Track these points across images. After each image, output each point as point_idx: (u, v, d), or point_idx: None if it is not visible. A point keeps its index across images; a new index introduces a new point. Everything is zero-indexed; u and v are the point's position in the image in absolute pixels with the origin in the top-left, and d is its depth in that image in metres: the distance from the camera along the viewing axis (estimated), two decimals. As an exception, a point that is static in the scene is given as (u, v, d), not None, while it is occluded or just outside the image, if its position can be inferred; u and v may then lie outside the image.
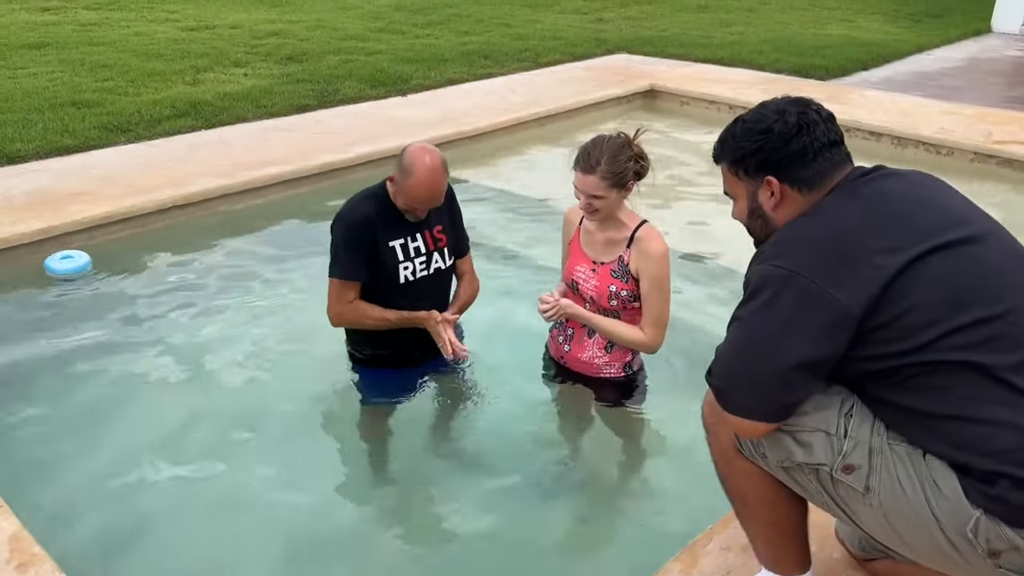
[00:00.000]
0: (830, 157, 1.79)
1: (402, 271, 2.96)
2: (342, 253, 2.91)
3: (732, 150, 1.88)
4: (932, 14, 12.12)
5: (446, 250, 3.07)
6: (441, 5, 11.87)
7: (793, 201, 1.81)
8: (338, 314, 2.99)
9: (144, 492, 2.80)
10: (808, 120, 1.79)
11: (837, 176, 1.80)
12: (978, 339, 1.59)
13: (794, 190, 1.81)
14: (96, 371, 3.44)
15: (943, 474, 1.62)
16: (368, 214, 2.89)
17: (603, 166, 2.62)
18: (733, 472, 1.90)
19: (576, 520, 2.79)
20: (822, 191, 1.79)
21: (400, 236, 2.95)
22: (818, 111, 1.82)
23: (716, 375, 1.77)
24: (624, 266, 2.77)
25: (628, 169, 2.65)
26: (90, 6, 10.89)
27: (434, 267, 3.04)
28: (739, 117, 1.90)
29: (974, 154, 6.02)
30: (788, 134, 1.78)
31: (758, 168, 1.83)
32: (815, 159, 1.78)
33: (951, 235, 1.65)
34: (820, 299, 1.63)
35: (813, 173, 1.79)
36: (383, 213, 2.91)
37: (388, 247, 2.93)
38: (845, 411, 1.73)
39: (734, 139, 1.87)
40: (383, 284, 2.96)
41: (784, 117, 1.80)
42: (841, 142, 1.83)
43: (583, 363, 2.98)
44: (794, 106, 1.82)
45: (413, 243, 2.98)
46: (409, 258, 2.97)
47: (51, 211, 4.49)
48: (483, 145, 6.21)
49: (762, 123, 1.82)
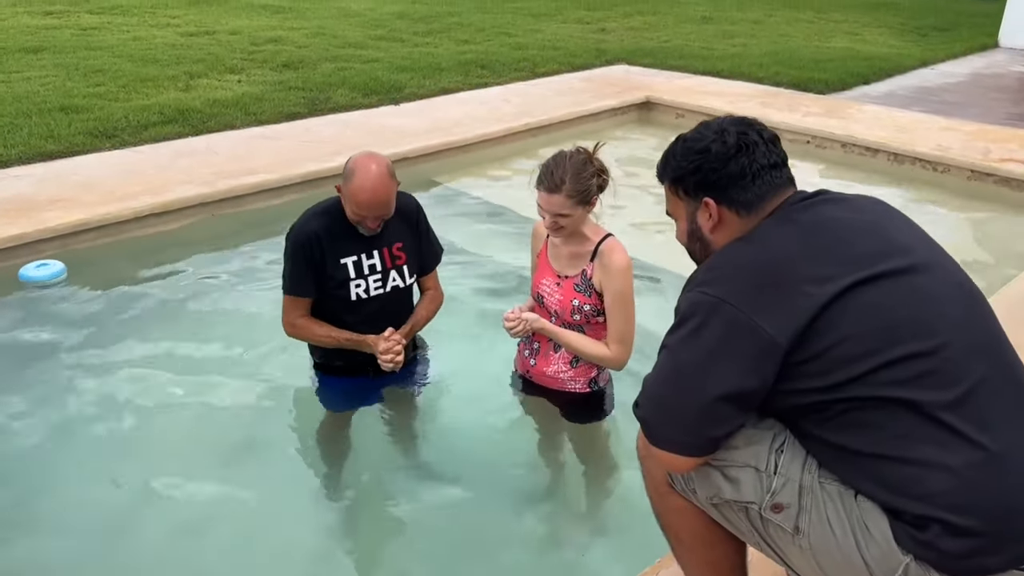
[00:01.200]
0: (770, 180, 1.73)
1: (353, 288, 2.89)
2: (291, 267, 2.87)
3: (672, 169, 1.83)
4: (939, 28, 12.01)
5: (405, 268, 2.98)
6: (444, 14, 11.86)
7: (731, 223, 1.75)
8: (291, 326, 2.96)
9: (105, 506, 2.78)
10: (748, 141, 1.73)
11: (777, 200, 1.73)
12: (910, 375, 1.51)
13: (732, 212, 1.74)
14: (58, 380, 3.41)
15: (874, 516, 1.54)
16: (316, 230, 2.82)
17: (568, 184, 2.57)
18: (667, 508, 1.83)
19: (536, 534, 2.75)
20: (760, 214, 1.72)
21: (353, 253, 2.88)
22: (760, 132, 1.76)
23: (641, 406, 1.70)
24: (587, 280, 2.73)
25: (592, 185, 2.62)
26: (93, 10, 10.93)
27: (391, 285, 2.96)
28: (680, 136, 1.84)
29: (971, 172, 5.91)
30: (726, 155, 1.73)
31: (696, 188, 1.78)
32: (754, 181, 1.72)
33: (888, 264, 1.57)
34: (747, 328, 1.56)
35: (751, 196, 1.72)
36: (334, 229, 2.84)
37: (339, 263, 2.86)
38: (776, 446, 1.65)
39: (674, 158, 1.82)
40: (334, 301, 2.89)
41: (723, 137, 1.74)
42: (783, 164, 1.77)
43: (548, 377, 2.93)
44: (735, 126, 1.76)
45: (368, 260, 2.90)
46: (362, 275, 2.90)
47: (26, 218, 4.46)
48: (471, 155, 6.16)
49: (701, 143, 1.77)
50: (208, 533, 2.69)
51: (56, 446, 3.05)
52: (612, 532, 2.73)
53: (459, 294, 4.04)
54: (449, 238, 4.90)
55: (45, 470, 2.92)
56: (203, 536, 2.68)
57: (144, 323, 3.85)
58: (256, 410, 3.28)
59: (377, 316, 2.93)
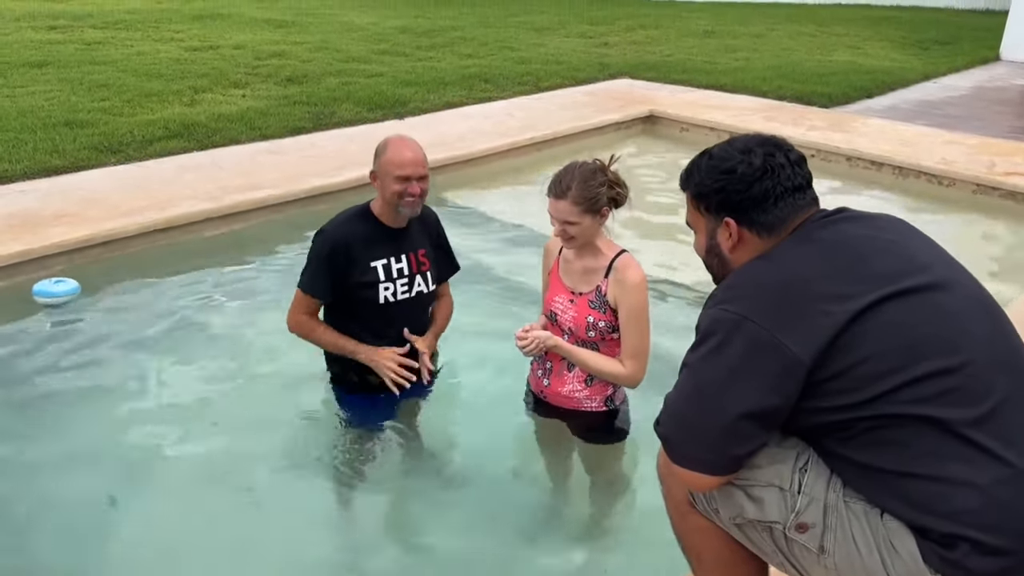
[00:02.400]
0: (792, 202, 1.71)
1: (382, 291, 2.95)
2: (313, 267, 2.93)
3: (696, 184, 1.81)
4: (941, 41, 12.04)
5: (429, 274, 3.07)
6: (447, 28, 11.89)
7: (751, 244, 1.74)
8: (296, 323, 3.02)
9: (126, 515, 2.79)
10: (774, 164, 1.72)
11: (798, 219, 1.72)
12: (935, 392, 1.49)
13: (752, 233, 1.73)
14: (72, 397, 3.41)
15: (900, 535, 1.52)
16: (346, 236, 2.90)
17: (574, 191, 2.58)
18: (688, 528, 1.81)
19: (553, 556, 2.70)
20: (781, 235, 1.71)
21: (383, 256, 2.95)
22: (787, 154, 1.74)
23: (663, 424, 1.68)
24: (602, 296, 2.71)
25: (600, 194, 2.61)
26: (97, 25, 10.96)
27: (416, 290, 3.04)
28: (707, 150, 1.83)
29: (976, 185, 5.91)
30: (751, 177, 1.71)
31: (719, 208, 1.76)
32: (776, 204, 1.71)
33: (909, 282, 1.56)
34: (770, 346, 1.54)
35: (773, 218, 1.71)
36: (367, 233, 2.93)
37: (370, 267, 2.92)
38: (800, 465, 1.63)
39: (699, 172, 1.80)
40: (362, 304, 2.94)
41: (749, 158, 1.72)
42: (807, 186, 1.75)
43: (563, 397, 2.90)
44: (762, 147, 1.74)
45: (397, 264, 2.97)
46: (391, 279, 2.96)
47: (31, 233, 4.45)
48: (476, 170, 6.15)
49: (727, 162, 1.74)
50: (215, 545, 2.68)
51: (75, 463, 3.03)
52: (631, 553, 2.70)
53: (467, 310, 4.02)
54: (456, 253, 4.91)
55: (59, 487, 2.90)
56: (210, 549, 2.67)
57: (153, 340, 3.82)
58: (272, 424, 3.27)
59: (401, 320, 2.99)
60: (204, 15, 12.14)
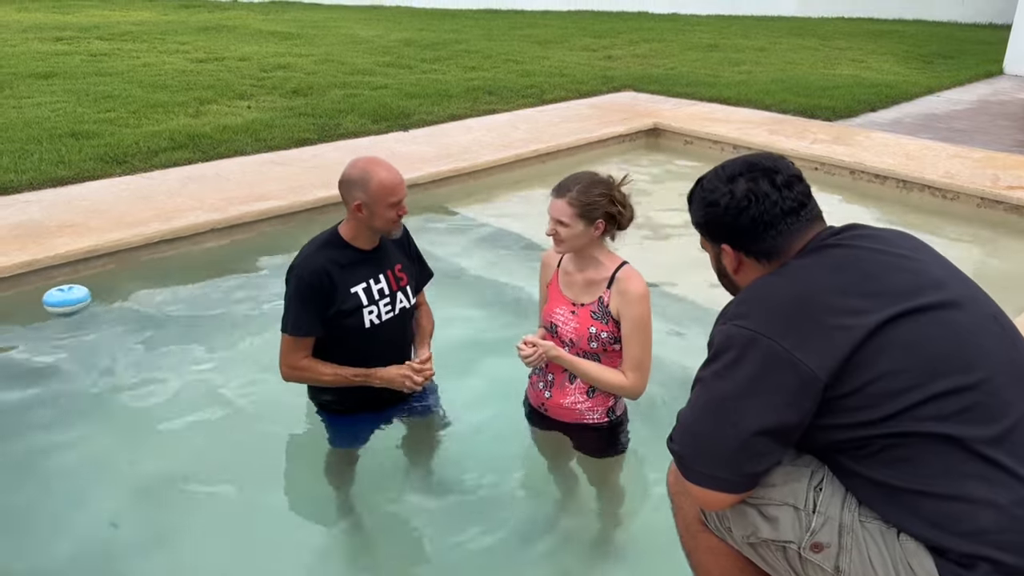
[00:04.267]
0: (786, 228, 1.70)
1: (367, 316, 2.85)
2: (295, 307, 2.78)
3: (692, 214, 1.85)
4: (944, 55, 12.06)
5: (408, 288, 2.99)
6: (451, 41, 11.93)
7: (753, 268, 1.76)
8: (290, 367, 2.85)
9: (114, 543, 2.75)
10: (757, 192, 1.70)
11: (803, 239, 1.72)
12: (953, 410, 1.48)
13: (751, 259, 1.74)
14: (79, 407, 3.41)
15: (918, 556, 1.50)
16: (323, 265, 2.76)
17: (573, 193, 2.60)
18: (698, 547, 1.79)
19: (553, 573, 2.68)
20: (786, 255, 1.71)
21: (362, 279, 2.84)
22: (772, 179, 1.72)
23: (676, 440, 1.67)
24: (604, 307, 2.70)
25: (598, 204, 2.61)
26: (103, 36, 11.00)
27: (399, 307, 2.94)
28: (702, 177, 1.84)
29: (980, 199, 5.90)
30: (735, 209, 1.71)
31: (713, 238, 1.80)
32: (767, 231, 1.70)
33: (924, 299, 1.55)
34: (785, 362, 1.53)
35: (768, 246, 1.71)
36: (340, 259, 2.80)
37: (350, 293, 2.81)
38: (815, 484, 1.62)
39: (692, 204, 1.84)
40: (348, 332, 2.84)
41: (733, 188, 1.72)
42: (803, 206, 1.73)
43: (564, 409, 2.87)
44: (746, 175, 1.73)
45: (376, 285, 2.87)
46: (373, 301, 2.86)
47: (36, 244, 4.45)
48: (481, 182, 6.15)
49: (712, 195, 1.76)
50: (213, 566, 2.67)
51: (79, 474, 3.04)
52: (633, 570, 2.67)
53: (467, 322, 4.00)
54: (459, 264, 4.91)
55: (66, 498, 2.90)
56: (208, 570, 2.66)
57: (157, 353, 3.81)
58: (266, 438, 3.25)
59: (388, 340, 2.91)
60: (210, 27, 12.19)
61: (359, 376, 2.84)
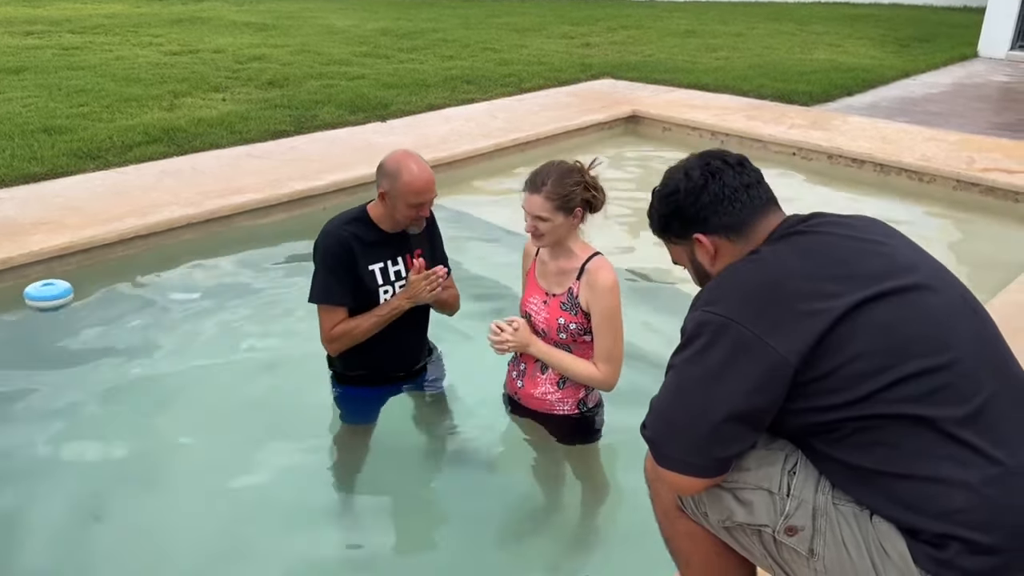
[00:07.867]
0: (747, 199, 1.75)
1: (382, 296, 2.92)
2: (321, 276, 2.87)
3: (657, 220, 1.88)
4: (919, 39, 12.12)
5: None
6: (428, 30, 11.86)
7: (727, 251, 1.77)
8: (329, 338, 2.92)
9: (122, 519, 2.80)
10: (712, 169, 1.77)
11: (768, 222, 1.75)
12: (924, 391, 1.49)
13: (723, 239, 1.77)
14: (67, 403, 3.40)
15: (890, 537, 1.52)
16: (347, 237, 2.85)
17: (549, 187, 2.59)
18: (676, 532, 1.80)
19: (534, 558, 2.71)
20: (754, 237, 1.73)
21: (380, 260, 2.92)
22: (723, 159, 1.80)
23: (649, 427, 1.68)
24: (573, 298, 2.70)
25: (575, 194, 2.60)
26: (75, 30, 10.85)
27: None
28: (653, 189, 1.90)
29: (956, 182, 5.95)
30: (696, 187, 1.77)
31: (682, 229, 1.82)
32: (731, 203, 1.75)
33: (894, 282, 1.56)
34: (755, 347, 1.54)
35: (734, 219, 1.75)
36: (363, 236, 2.89)
37: (368, 271, 2.89)
38: (789, 468, 1.63)
39: (654, 209, 1.88)
40: (363, 309, 2.91)
41: (688, 174, 1.79)
42: (758, 183, 1.79)
43: (536, 399, 2.88)
44: (698, 160, 1.82)
45: (394, 267, 2.95)
46: (389, 282, 2.94)
47: (10, 241, 4.39)
48: (460, 172, 6.13)
49: (670, 186, 1.82)
50: (219, 545, 2.71)
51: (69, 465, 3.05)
52: (612, 556, 2.69)
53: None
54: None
55: (54, 487, 2.91)
56: (214, 550, 2.69)
57: (139, 346, 3.80)
58: (264, 424, 3.29)
59: (403, 322, 2.95)
60: (183, 19, 12.05)
61: (394, 310, 2.89)
